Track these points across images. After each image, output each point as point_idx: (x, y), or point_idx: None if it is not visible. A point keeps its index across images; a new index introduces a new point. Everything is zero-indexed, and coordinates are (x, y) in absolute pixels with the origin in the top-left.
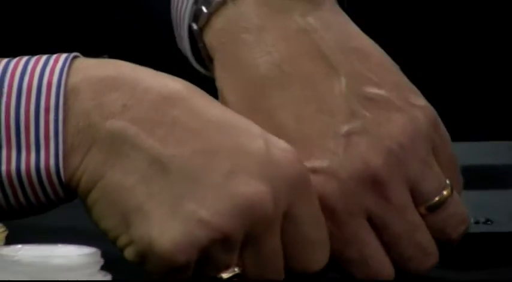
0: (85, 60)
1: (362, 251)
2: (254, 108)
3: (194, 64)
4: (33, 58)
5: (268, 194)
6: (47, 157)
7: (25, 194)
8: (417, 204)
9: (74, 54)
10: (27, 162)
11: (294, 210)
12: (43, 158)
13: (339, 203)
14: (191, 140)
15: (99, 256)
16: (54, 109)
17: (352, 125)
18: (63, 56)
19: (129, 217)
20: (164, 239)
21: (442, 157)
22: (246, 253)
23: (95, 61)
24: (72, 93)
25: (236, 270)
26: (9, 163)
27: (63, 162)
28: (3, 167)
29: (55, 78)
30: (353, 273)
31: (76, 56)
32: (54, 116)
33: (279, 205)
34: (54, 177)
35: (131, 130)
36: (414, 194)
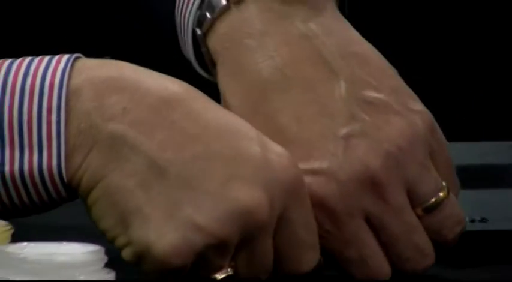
0: (87, 61)
1: (361, 251)
2: (256, 111)
3: (197, 68)
4: (35, 59)
5: (264, 200)
6: (50, 157)
7: (28, 194)
8: (414, 205)
9: (76, 55)
10: (30, 162)
11: (288, 213)
12: (45, 159)
13: (338, 204)
14: (189, 145)
15: (102, 254)
16: (56, 110)
17: (351, 128)
18: (65, 57)
19: (128, 219)
20: (161, 243)
21: (439, 161)
22: (240, 255)
23: (97, 62)
24: (74, 94)
25: (229, 271)
26: (12, 163)
27: (65, 162)
28: (6, 167)
29: (57, 79)
30: (352, 272)
31: (78, 57)
32: (56, 117)
33: (274, 210)
34: (56, 177)
35: (131, 133)
36: (411, 196)
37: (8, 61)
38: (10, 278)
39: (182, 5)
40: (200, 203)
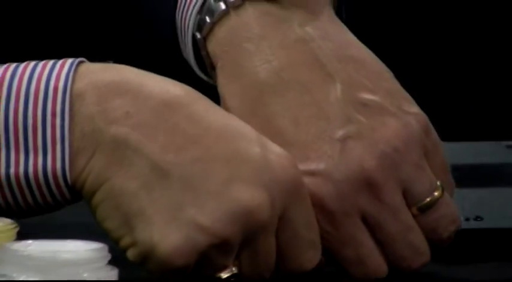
0: (90, 65)
1: (358, 250)
2: (254, 113)
3: (197, 71)
4: (40, 63)
5: (265, 200)
6: (54, 160)
7: (33, 195)
8: (410, 205)
9: (80, 59)
10: (34, 165)
11: (289, 213)
12: (50, 161)
13: (335, 204)
14: (190, 147)
15: (106, 251)
16: (60, 114)
17: (347, 130)
18: (68, 61)
19: (132, 220)
20: (165, 244)
21: (434, 161)
22: (243, 254)
23: (100, 66)
24: (77, 98)
25: (234, 270)
26: (17, 166)
27: (69, 165)
28: (12, 170)
29: (61, 83)
30: (350, 271)
31: (81, 61)
32: (60, 121)
33: (275, 209)
34: (60, 179)
35: (133, 136)
36: (407, 196)
37: (13, 65)
38: (15, 275)
39: (182, 10)
40: (202, 204)
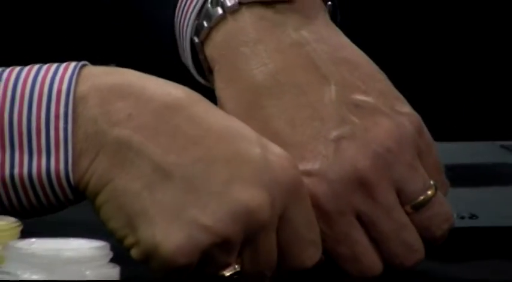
0: (93, 68)
1: (353, 248)
2: (251, 115)
3: (195, 75)
4: (44, 66)
5: (265, 200)
6: (57, 162)
7: (36, 196)
8: (403, 203)
9: (83, 62)
10: (38, 166)
11: (289, 213)
12: (53, 163)
13: (330, 203)
14: (192, 148)
15: (108, 249)
16: (63, 116)
17: (341, 130)
18: (72, 65)
19: (135, 220)
20: (168, 243)
21: (427, 161)
22: (245, 252)
23: (103, 69)
24: (80, 101)
25: (236, 267)
26: (21, 166)
27: (72, 166)
28: (16, 170)
29: (64, 86)
30: (346, 269)
31: (84, 64)
32: (63, 123)
33: (275, 209)
34: (63, 180)
35: (135, 138)
36: (400, 194)
37: (18, 68)
38: (19, 272)
39: (181, 14)
40: (204, 204)
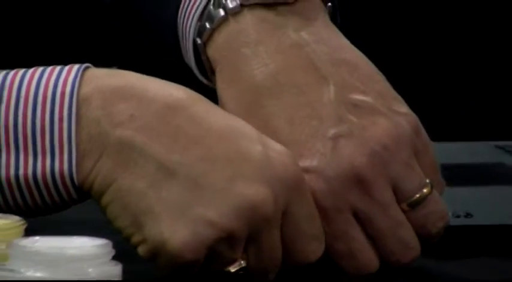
0: (96, 70)
1: (350, 245)
2: (251, 115)
3: (198, 75)
4: (47, 69)
5: (268, 196)
6: (61, 162)
7: (41, 196)
8: (399, 201)
9: (86, 65)
10: (43, 166)
11: (292, 208)
12: (57, 163)
13: (327, 200)
14: (194, 148)
15: (110, 247)
16: (67, 118)
17: (339, 129)
18: (75, 67)
19: (141, 219)
20: (175, 239)
21: (424, 161)
22: (250, 248)
23: (105, 71)
24: (84, 102)
25: (242, 263)
26: (26, 167)
27: (76, 167)
28: (21, 171)
29: (68, 88)
30: (343, 265)
31: (87, 67)
32: (67, 125)
33: (278, 204)
34: (67, 180)
35: (138, 138)
36: (396, 192)
37: (22, 71)
38: (23, 270)
39: (184, 16)
40: (208, 201)
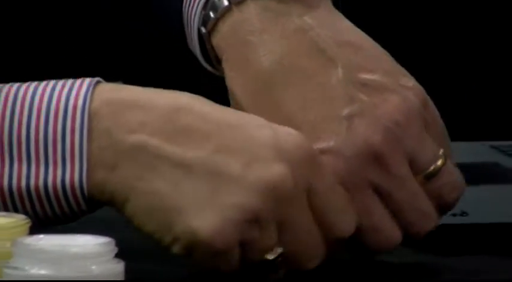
0: (105, 85)
1: (373, 220)
2: (262, 101)
3: (203, 63)
4: (59, 82)
5: (285, 173)
6: (72, 173)
7: (51, 206)
8: (415, 174)
9: (97, 79)
10: (54, 177)
11: (314, 185)
12: (68, 174)
13: (347, 178)
14: (206, 142)
15: (113, 245)
16: (79, 131)
17: (351, 109)
18: (86, 82)
19: (168, 218)
20: (204, 228)
21: (434, 131)
22: (284, 233)
23: (113, 86)
24: (94, 115)
25: (279, 250)
26: (37, 178)
27: (86, 178)
28: (32, 181)
29: (80, 102)
30: (366, 241)
31: (98, 81)
32: (79, 137)
33: (298, 181)
34: (78, 191)
35: (151, 142)
36: (412, 165)
37: (34, 84)
38: (27, 267)
39: (188, 6)
40: (228, 187)
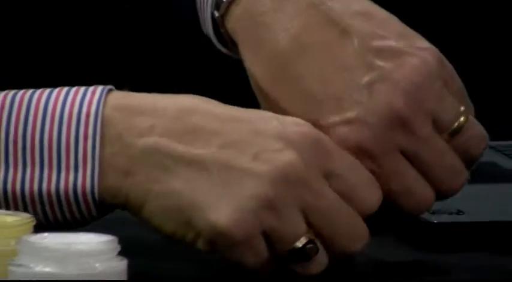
0: (116, 92)
1: (405, 182)
2: (281, 79)
3: (217, 45)
4: (72, 89)
5: (294, 157)
6: (84, 178)
7: (61, 211)
8: (440, 132)
9: (109, 87)
10: (66, 182)
11: (330, 167)
12: (80, 179)
13: (375, 145)
14: (215, 138)
15: (116, 243)
16: (92, 137)
17: (370, 76)
18: (99, 89)
19: (186, 216)
20: (222, 219)
21: (453, 89)
22: (312, 219)
23: (122, 93)
24: (106, 122)
25: (309, 235)
26: (50, 182)
27: (98, 183)
28: (44, 186)
29: (93, 109)
30: (400, 204)
31: (110, 89)
32: (91, 143)
33: (309, 165)
34: (89, 196)
35: (162, 143)
36: (436, 124)
37: (47, 90)
38: (32, 265)
39: None
40: (241, 178)
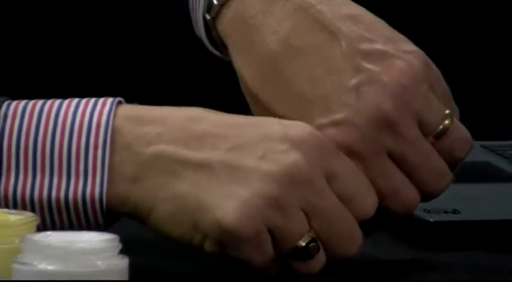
0: (125, 105)
1: (390, 184)
2: (272, 81)
3: (209, 47)
4: (82, 100)
5: (299, 158)
6: (93, 186)
7: (69, 218)
8: (426, 135)
9: (118, 99)
10: (75, 189)
11: (332, 169)
12: (89, 187)
13: (363, 146)
14: (221, 143)
15: (117, 241)
16: (102, 146)
17: (358, 78)
18: (109, 100)
19: (193, 218)
20: (228, 218)
21: (439, 92)
22: (314, 220)
23: (131, 106)
24: (116, 132)
25: (311, 234)
26: (59, 190)
27: (107, 190)
28: (54, 193)
29: (103, 119)
30: (386, 205)
31: (120, 101)
32: (101, 152)
33: (314, 166)
34: (97, 204)
35: (170, 149)
36: (422, 127)
37: (58, 100)
38: (35, 263)
39: None
40: (247, 178)
